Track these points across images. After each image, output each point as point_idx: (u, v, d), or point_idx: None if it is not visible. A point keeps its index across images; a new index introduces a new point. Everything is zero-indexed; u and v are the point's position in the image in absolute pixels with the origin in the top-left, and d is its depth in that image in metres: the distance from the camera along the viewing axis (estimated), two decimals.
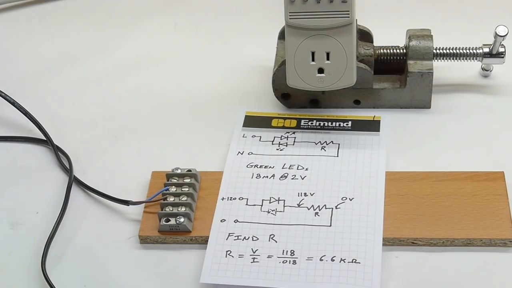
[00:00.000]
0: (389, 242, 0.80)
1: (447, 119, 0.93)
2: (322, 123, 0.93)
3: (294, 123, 0.93)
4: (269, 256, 0.79)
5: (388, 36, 0.96)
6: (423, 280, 0.78)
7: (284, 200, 0.84)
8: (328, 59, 0.89)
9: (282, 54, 0.93)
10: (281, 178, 0.87)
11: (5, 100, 0.96)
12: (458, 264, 0.78)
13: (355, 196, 0.84)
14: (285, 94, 0.95)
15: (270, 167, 0.88)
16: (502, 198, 0.82)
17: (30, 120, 0.95)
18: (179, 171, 0.86)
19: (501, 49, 0.93)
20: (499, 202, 0.82)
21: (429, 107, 0.95)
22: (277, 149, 0.90)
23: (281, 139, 0.91)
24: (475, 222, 0.80)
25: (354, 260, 0.78)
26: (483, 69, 0.98)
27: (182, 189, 0.84)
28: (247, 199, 0.85)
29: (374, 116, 0.93)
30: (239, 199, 0.85)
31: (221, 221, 0.83)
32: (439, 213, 0.82)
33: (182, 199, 0.83)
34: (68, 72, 1.06)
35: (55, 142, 0.93)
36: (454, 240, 0.79)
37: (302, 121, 0.93)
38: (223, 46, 1.07)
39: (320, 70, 0.89)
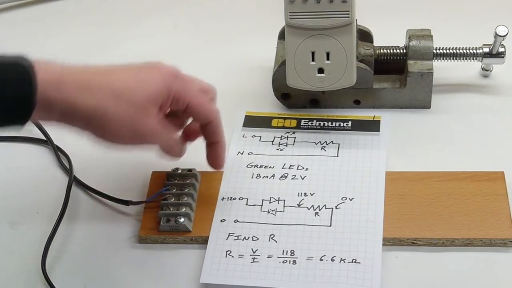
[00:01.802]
0: (389, 242, 0.80)
1: (447, 119, 0.93)
2: (322, 123, 0.93)
3: (294, 123, 0.93)
4: (269, 256, 0.79)
5: (388, 36, 0.96)
6: (423, 280, 0.78)
7: (284, 200, 0.84)
8: (328, 59, 0.89)
9: (282, 54, 0.93)
10: (281, 178, 0.87)
11: None
12: (458, 264, 0.78)
13: (355, 196, 0.84)
14: (285, 94, 0.95)
15: (270, 167, 0.88)
16: (502, 198, 0.82)
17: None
18: (179, 171, 0.87)
19: (501, 49, 0.93)
20: (499, 202, 0.82)
21: (429, 107, 0.95)
22: (277, 149, 0.90)
23: (281, 139, 0.91)
24: (475, 222, 0.81)
25: (354, 260, 0.78)
26: (483, 69, 0.98)
27: (182, 189, 0.84)
28: (247, 199, 0.85)
29: (374, 116, 0.93)
30: (239, 199, 0.85)
31: (221, 221, 0.83)
32: (439, 213, 0.82)
33: (182, 199, 0.83)
34: None
35: (55, 142, 0.93)
36: (454, 240, 0.80)
37: (302, 121, 0.93)
38: (223, 46, 1.07)
39: (320, 70, 0.89)
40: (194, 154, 0.91)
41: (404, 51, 0.94)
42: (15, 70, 0.71)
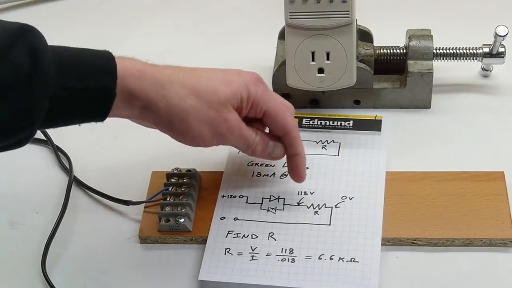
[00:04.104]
0: (389, 242, 0.80)
1: (447, 119, 0.93)
2: (323, 122, 0.93)
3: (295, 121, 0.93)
4: (268, 254, 0.79)
5: (388, 36, 0.96)
6: (423, 280, 0.78)
7: (284, 199, 0.84)
8: (328, 59, 0.89)
9: (282, 54, 0.93)
10: (281, 177, 0.87)
11: None
12: (458, 264, 0.78)
13: (355, 195, 0.84)
14: (285, 94, 0.95)
15: (271, 165, 0.88)
16: (502, 198, 0.82)
17: None
18: (179, 171, 0.86)
19: (501, 49, 0.93)
20: (499, 202, 0.82)
21: (429, 107, 0.95)
22: None
23: None
24: (475, 222, 0.80)
25: (352, 259, 0.78)
26: (483, 69, 0.98)
27: (182, 189, 0.84)
28: (247, 197, 0.85)
29: (376, 115, 0.93)
30: (239, 197, 0.85)
31: (220, 218, 0.83)
32: (439, 213, 0.82)
33: (182, 199, 0.83)
34: None
35: (55, 142, 0.94)
36: (454, 240, 0.79)
37: (304, 120, 0.93)
38: (223, 46, 1.07)
39: (320, 70, 0.89)
40: (194, 154, 0.91)
41: (404, 51, 0.94)
42: (96, 62, 0.72)
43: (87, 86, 0.71)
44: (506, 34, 0.91)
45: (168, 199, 0.83)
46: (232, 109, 0.77)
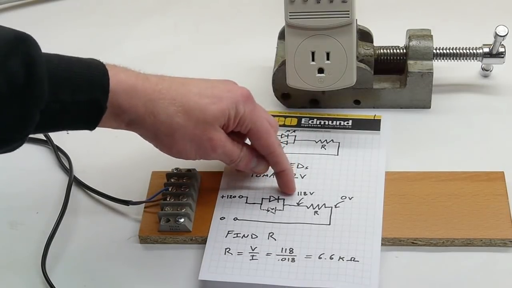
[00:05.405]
0: (389, 242, 0.80)
1: (447, 119, 0.93)
2: (322, 122, 0.93)
3: (294, 121, 0.93)
4: (268, 254, 0.79)
5: (388, 36, 0.96)
6: (423, 280, 0.78)
7: (284, 199, 0.84)
8: (328, 59, 0.89)
9: (282, 54, 0.93)
10: None
11: None
12: (458, 264, 0.78)
13: (354, 195, 0.84)
14: (285, 94, 0.95)
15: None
16: (502, 198, 0.82)
17: None
18: (179, 171, 0.86)
19: (501, 49, 0.93)
20: (499, 202, 0.82)
21: (429, 107, 0.95)
22: None
23: (281, 137, 0.91)
24: (475, 222, 0.80)
25: (352, 259, 0.78)
26: (483, 69, 0.98)
27: (182, 189, 0.84)
28: (247, 197, 0.85)
29: (375, 115, 0.93)
30: (239, 197, 0.85)
31: (220, 218, 0.83)
32: (439, 213, 0.82)
33: (182, 199, 0.83)
34: None
35: (55, 142, 0.93)
36: (454, 240, 0.79)
37: (303, 119, 0.93)
38: (223, 46, 1.07)
39: (320, 70, 0.89)
40: None
41: (404, 51, 0.94)
42: (89, 74, 0.72)
43: (79, 99, 0.71)
44: (506, 34, 0.91)
45: (168, 199, 0.83)
46: (218, 128, 0.78)
